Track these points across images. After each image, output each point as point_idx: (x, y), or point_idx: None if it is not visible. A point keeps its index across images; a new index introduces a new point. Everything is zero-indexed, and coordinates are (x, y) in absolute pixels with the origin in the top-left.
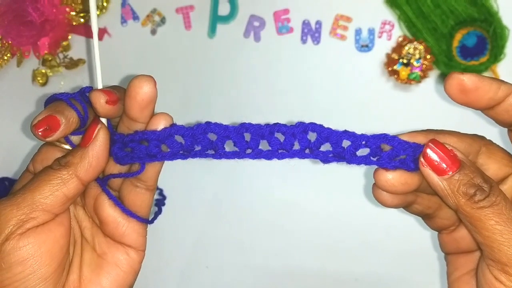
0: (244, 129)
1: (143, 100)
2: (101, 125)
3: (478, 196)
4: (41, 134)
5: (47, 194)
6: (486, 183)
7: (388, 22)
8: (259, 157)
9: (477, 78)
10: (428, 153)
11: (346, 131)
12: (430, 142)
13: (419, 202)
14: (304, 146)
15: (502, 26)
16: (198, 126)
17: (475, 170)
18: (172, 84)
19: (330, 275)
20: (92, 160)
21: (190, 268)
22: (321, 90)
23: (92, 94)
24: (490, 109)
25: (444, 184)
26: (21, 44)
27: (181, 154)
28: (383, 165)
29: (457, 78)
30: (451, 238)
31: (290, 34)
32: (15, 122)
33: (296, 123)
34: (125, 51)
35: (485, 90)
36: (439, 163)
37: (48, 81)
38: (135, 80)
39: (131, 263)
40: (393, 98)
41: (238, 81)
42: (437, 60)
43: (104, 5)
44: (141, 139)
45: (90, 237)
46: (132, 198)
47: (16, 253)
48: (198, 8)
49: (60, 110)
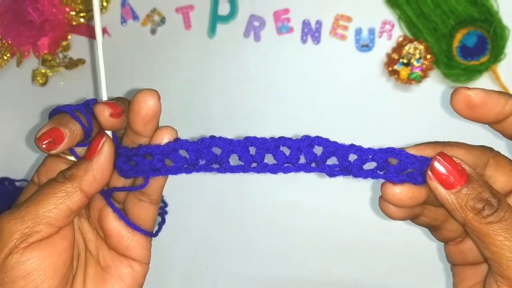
0: (249, 143)
1: (147, 114)
2: (106, 137)
3: (486, 211)
4: (45, 147)
5: (51, 207)
6: (495, 198)
7: (388, 22)
8: (265, 171)
9: (484, 94)
10: (435, 166)
11: (352, 145)
12: (437, 155)
13: (426, 214)
14: (310, 160)
15: (502, 26)
16: (202, 140)
17: (483, 184)
18: (172, 84)
19: (330, 275)
20: (96, 173)
21: (191, 268)
22: (321, 90)
23: (96, 107)
24: (497, 124)
25: (452, 198)
26: (21, 44)
27: (185, 168)
28: (390, 178)
29: (464, 94)
30: (457, 249)
31: (290, 34)
32: (15, 122)
33: (302, 136)
34: (125, 51)
35: (493, 105)
36: (447, 177)
37: (47, 81)
38: (139, 94)
39: (135, 276)
40: (393, 98)
41: (238, 81)
42: (437, 60)
43: (104, 5)
44: (145, 153)
45: (95, 250)
46: (136, 212)
47: (19, 267)
48: (198, 8)
49: (64, 123)
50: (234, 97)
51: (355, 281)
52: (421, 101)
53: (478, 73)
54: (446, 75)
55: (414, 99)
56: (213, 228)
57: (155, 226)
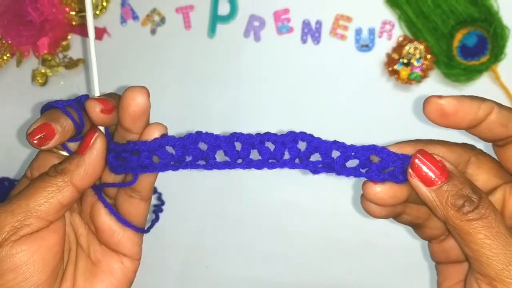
0: (235, 139)
1: (135, 112)
2: (99, 133)
3: (466, 207)
4: (36, 142)
5: (42, 201)
6: (475, 194)
7: (389, 22)
8: (250, 167)
9: (456, 101)
10: (416, 164)
11: (336, 141)
12: (418, 152)
13: (408, 212)
14: (294, 156)
15: (502, 26)
16: (188, 136)
17: (464, 180)
18: (172, 84)
19: (330, 275)
20: (88, 167)
21: (190, 268)
22: (321, 90)
23: (87, 103)
24: (472, 128)
25: (433, 195)
26: (21, 44)
27: (172, 165)
28: (372, 177)
29: (436, 103)
30: (441, 248)
31: (290, 34)
32: (15, 122)
33: (287, 132)
34: (125, 51)
35: (466, 112)
36: (427, 174)
37: (47, 81)
38: (127, 91)
39: (125, 272)
40: (394, 98)
41: (238, 81)
42: (437, 60)
43: (103, 4)
44: (132, 150)
45: (86, 244)
46: (126, 208)
47: (9, 260)
48: (198, 8)
49: (55, 118)
50: (234, 97)
51: (355, 281)
52: (421, 101)
53: (478, 73)
54: (446, 75)
55: (414, 99)
56: (212, 228)
57: (147, 222)
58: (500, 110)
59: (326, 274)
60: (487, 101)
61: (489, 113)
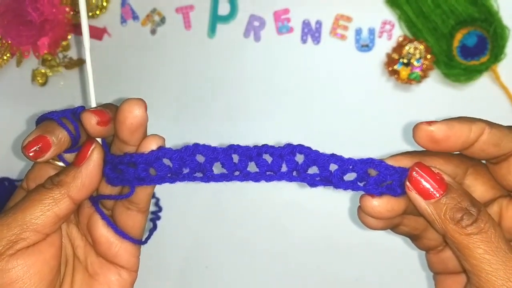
0: (232, 151)
1: (132, 124)
2: (96, 144)
3: (465, 220)
4: (32, 155)
5: (38, 214)
6: (474, 207)
7: (389, 22)
8: (247, 179)
9: (446, 127)
10: (413, 177)
11: (333, 154)
12: (415, 165)
13: (406, 223)
14: (292, 168)
15: (502, 26)
16: (185, 148)
17: (462, 193)
18: (172, 84)
19: (330, 275)
20: (85, 179)
21: (190, 268)
22: (321, 90)
23: (83, 115)
24: (465, 150)
25: (431, 208)
26: (21, 44)
27: (169, 177)
28: (370, 191)
29: (425, 130)
30: (438, 258)
31: (290, 34)
32: (15, 122)
33: (284, 144)
34: (125, 51)
35: (456, 136)
36: (425, 187)
37: (47, 81)
38: (124, 104)
39: (122, 284)
40: (394, 98)
41: (238, 81)
42: (437, 60)
43: (103, 4)
44: (129, 162)
45: (83, 256)
46: (124, 220)
47: (4, 275)
48: (198, 8)
49: (50, 130)
50: (234, 97)
51: (355, 280)
52: (421, 101)
53: (478, 73)
54: (446, 75)
55: (414, 99)
56: (212, 228)
57: (145, 233)
58: (491, 129)
59: (326, 274)
60: (478, 122)
61: (481, 134)
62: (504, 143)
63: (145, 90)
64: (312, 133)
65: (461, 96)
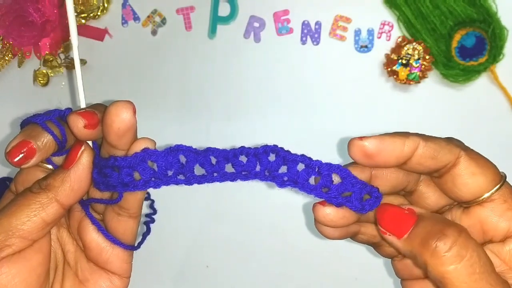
0: (211, 152)
1: (119, 129)
2: (85, 146)
3: (440, 245)
4: (16, 161)
5: (24, 219)
6: (451, 229)
7: (387, 22)
8: (225, 179)
9: (378, 141)
10: (382, 220)
11: (303, 155)
12: (380, 208)
13: (364, 232)
14: (264, 168)
15: (501, 27)
16: (170, 148)
17: (435, 220)
18: (172, 84)
19: (330, 275)
20: (74, 183)
21: (190, 267)
22: (321, 91)
23: (69, 118)
24: (403, 165)
25: (405, 244)
26: (22, 45)
27: (153, 181)
28: (330, 200)
29: (358, 145)
30: (403, 265)
31: (290, 34)
32: (16, 122)
33: (260, 146)
34: (126, 52)
35: (389, 150)
36: (395, 226)
37: (49, 82)
38: (111, 107)
39: None
40: (392, 98)
41: (238, 81)
42: (436, 61)
43: (105, 5)
44: (113, 166)
45: (73, 261)
46: (114, 226)
47: None
48: (199, 9)
49: (34, 135)
50: (234, 97)
51: (354, 280)
52: (420, 101)
53: (477, 73)
54: (445, 75)
55: (413, 100)
56: (212, 227)
57: (138, 236)
58: (426, 143)
59: (326, 274)
60: (412, 136)
61: (416, 148)
62: (441, 155)
63: (146, 90)
64: (312, 133)
65: (459, 96)
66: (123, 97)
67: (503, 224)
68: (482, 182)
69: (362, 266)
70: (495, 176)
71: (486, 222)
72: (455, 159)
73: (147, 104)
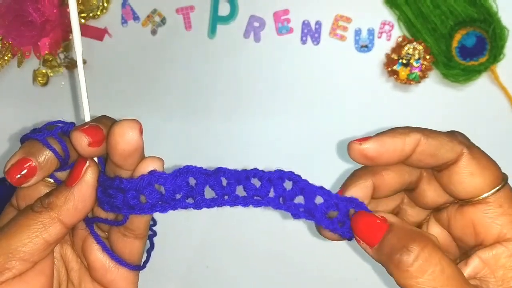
0: (222, 173)
1: (125, 150)
2: (90, 162)
3: (404, 259)
4: (16, 181)
5: (25, 241)
6: (415, 243)
7: (388, 22)
8: (236, 204)
9: (377, 144)
10: (356, 228)
11: (322, 187)
12: (355, 216)
13: None
14: (279, 194)
15: (501, 27)
16: (178, 171)
17: (403, 232)
18: (172, 84)
19: (330, 275)
20: (77, 202)
21: (191, 267)
22: (321, 91)
23: (72, 136)
24: (405, 161)
25: (375, 254)
26: (22, 44)
27: (160, 205)
28: (344, 234)
29: (358, 149)
30: None
31: (290, 34)
32: (16, 122)
33: (275, 170)
34: (126, 52)
35: (390, 152)
36: (368, 235)
37: (48, 81)
38: (115, 127)
39: None
40: (393, 98)
41: (238, 81)
42: (436, 61)
43: (104, 5)
44: (118, 187)
45: (77, 280)
46: (120, 247)
47: None
48: (199, 9)
49: (34, 152)
50: (234, 97)
51: (355, 280)
52: (421, 101)
53: (477, 73)
54: (445, 75)
55: (414, 99)
56: (213, 227)
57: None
58: (427, 140)
59: (326, 274)
60: (412, 133)
61: (416, 145)
62: (442, 153)
63: (145, 90)
64: (312, 133)
65: (460, 96)
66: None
67: (494, 229)
68: (478, 183)
69: (363, 266)
70: (495, 179)
71: (478, 224)
72: (457, 157)
73: (147, 103)
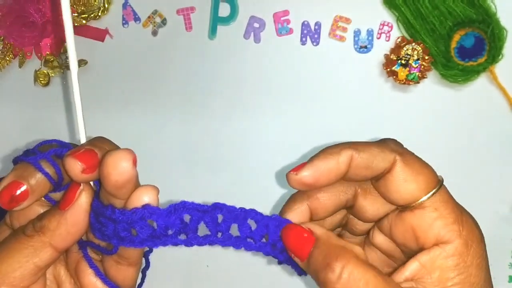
0: (218, 210)
1: (117, 182)
2: (84, 186)
3: (328, 277)
4: (7, 205)
5: (15, 266)
6: (337, 261)
7: (387, 23)
8: (228, 245)
9: (312, 169)
10: (287, 242)
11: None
12: (285, 229)
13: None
14: (273, 241)
15: (500, 27)
16: (173, 207)
17: (327, 247)
18: (172, 84)
19: None
20: (70, 227)
21: (191, 267)
22: (320, 91)
23: (66, 162)
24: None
25: (306, 268)
26: (23, 45)
27: (151, 239)
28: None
29: (295, 180)
30: None
31: (289, 35)
32: (17, 123)
33: (273, 215)
34: (126, 52)
35: (326, 173)
36: (298, 249)
37: (50, 82)
38: (108, 157)
39: None
40: (392, 98)
41: (238, 82)
42: (435, 61)
43: (105, 6)
44: (110, 217)
45: None
46: (113, 274)
47: None
48: (199, 10)
49: (26, 176)
50: (234, 97)
51: None
52: (419, 101)
53: (476, 73)
54: (444, 76)
55: (412, 100)
56: None
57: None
58: (359, 154)
59: None
60: (343, 151)
61: (350, 161)
62: (375, 164)
63: (146, 91)
64: (311, 133)
65: (459, 96)
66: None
67: (431, 232)
68: (413, 189)
69: None
70: (429, 183)
71: (417, 229)
72: (390, 165)
73: (147, 104)
